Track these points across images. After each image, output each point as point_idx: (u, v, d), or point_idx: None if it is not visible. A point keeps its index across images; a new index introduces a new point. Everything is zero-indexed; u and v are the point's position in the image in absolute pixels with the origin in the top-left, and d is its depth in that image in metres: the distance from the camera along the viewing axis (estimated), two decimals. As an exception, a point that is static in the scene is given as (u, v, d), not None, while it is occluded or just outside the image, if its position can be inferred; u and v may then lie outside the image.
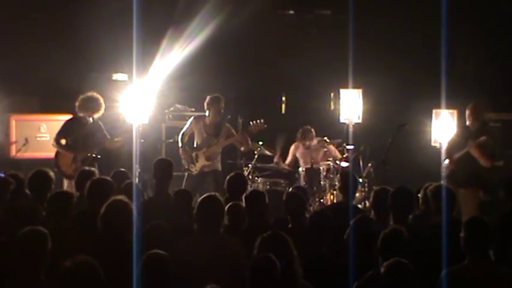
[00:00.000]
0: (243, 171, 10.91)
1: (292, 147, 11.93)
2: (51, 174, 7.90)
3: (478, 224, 5.64)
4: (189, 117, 11.39)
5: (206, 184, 10.52)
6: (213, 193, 6.58)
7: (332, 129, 12.05)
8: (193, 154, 10.64)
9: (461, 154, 9.64)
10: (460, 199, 8.70)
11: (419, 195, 7.22)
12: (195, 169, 10.59)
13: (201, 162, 10.60)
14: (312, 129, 11.72)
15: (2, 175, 8.17)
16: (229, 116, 11.26)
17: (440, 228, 6.25)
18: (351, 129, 11.87)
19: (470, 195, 9.25)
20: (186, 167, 10.66)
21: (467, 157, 9.62)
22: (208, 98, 10.70)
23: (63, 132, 10.14)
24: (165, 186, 7.90)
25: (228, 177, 8.01)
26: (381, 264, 5.39)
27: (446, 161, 9.84)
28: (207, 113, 10.66)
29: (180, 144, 10.77)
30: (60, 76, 11.51)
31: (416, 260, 5.27)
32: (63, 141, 10.09)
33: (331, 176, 11.21)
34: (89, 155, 9.97)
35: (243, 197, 7.26)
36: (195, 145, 10.75)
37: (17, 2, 12.13)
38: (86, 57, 12.01)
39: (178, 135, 10.88)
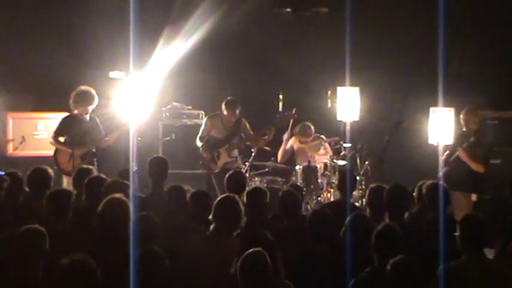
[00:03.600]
0: (241, 168, 10.91)
1: (291, 139, 11.89)
2: (50, 171, 7.91)
3: (473, 221, 5.70)
4: (185, 116, 11.44)
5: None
6: (231, 194, 6.57)
7: (329, 127, 12.04)
8: (215, 153, 10.70)
9: (454, 157, 9.69)
10: (454, 201, 8.76)
11: (413, 193, 7.23)
12: (217, 167, 10.70)
13: (223, 159, 10.75)
14: (312, 126, 11.71)
15: (2, 173, 8.15)
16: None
17: (436, 226, 6.26)
18: (348, 127, 11.87)
19: (463, 198, 9.29)
20: (206, 166, 10.71)
21: (460, 160, 9.65)
22: (225, 100, 10.78)
23: (61, 129, 10.19)
24: (160, 185, 7.90)
25: (227, 175, 8.02)
26: (377, 261, 5.43)
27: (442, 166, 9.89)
28: (224, 112, 10.75)
29: (200, 145, 10.82)
30: (57, 74, 11.49)
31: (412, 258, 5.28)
32: (61, 139, 10.13)
33: (329, 173, 11.21)
34: (87, 151, 10.00)
35: (245, 194, 7.24)
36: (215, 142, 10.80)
37: (14, 0, 12.13)
38: (82, 55, 12.00)
39: (197, 138, 10.92)
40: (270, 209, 7.21)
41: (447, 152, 10.26)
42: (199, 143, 10.90)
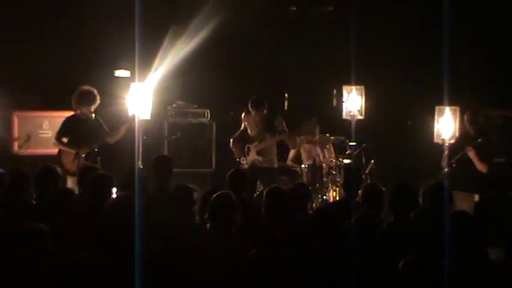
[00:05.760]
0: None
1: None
2: (59, 170, 7.88)
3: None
4: (191, 115, 11.42)
5: (260, 182, 10.41)
6: (226, 191, 6.54)
7: (335, 126, 12.03)
8: (246, 147, 10.60)
9: (458, 157, 9.66)
10: (457, 202, 8.74)
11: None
12: (246, 162, 10.58)
13: (252, 156, 10.58)
14: (317, 124, 11.70)
15: (2, 171, 8.14)
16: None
17: (442, 224, 6.26)
18: (353, 126, 11.86)
19: (466, 199, 9.28)
20: (237, 159, 10.63)
21: (464, 161, 9.62)
22: (250, 100, 10.58)
23: (64, 130, 10.14)
24: (165, 183, 7.89)
25: (228, 174, 8.00)
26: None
27: (445, 165, 9.84)
28: (251, 111, 10.59)
29: (233, 136, 10.72)
30: (62, 73, 11.51)
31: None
32: (64, 140, 10.09)
33: (334, 172, 11.21)
34: (91, 151, 9.97)
35: (264, 192, 7.22)
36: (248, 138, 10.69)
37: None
38: (87, 54, 12.01)
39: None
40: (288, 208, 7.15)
41: (446, 152, 10.23)
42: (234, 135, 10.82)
